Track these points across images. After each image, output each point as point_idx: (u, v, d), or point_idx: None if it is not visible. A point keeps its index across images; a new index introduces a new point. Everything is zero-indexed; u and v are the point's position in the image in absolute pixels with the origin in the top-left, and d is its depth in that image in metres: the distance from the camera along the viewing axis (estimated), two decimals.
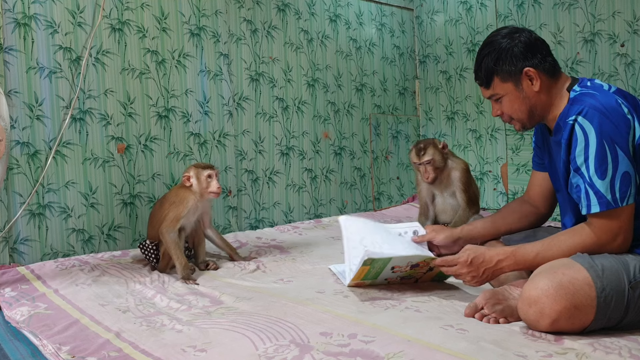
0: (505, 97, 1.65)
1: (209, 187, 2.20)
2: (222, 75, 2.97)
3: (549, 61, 1.62)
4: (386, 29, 3.88)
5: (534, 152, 1.88)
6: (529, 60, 1.60)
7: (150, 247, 2.23)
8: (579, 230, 1.53)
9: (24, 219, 2.34)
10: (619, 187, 1.44)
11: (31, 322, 1.64)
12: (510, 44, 1.61)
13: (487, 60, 1.64)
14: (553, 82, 1.62)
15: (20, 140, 2.33)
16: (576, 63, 3.13)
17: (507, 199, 3.54)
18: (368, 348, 1.34)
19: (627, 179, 1.44)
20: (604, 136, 1.44)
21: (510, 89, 1.63)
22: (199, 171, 2.21)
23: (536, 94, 1.61)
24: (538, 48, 1.62)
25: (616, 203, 1.44)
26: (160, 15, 2.74)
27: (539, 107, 1.63)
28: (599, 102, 1.47)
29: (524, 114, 1.64)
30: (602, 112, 1.45)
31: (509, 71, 1.61)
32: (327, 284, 1.96)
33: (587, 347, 1.30)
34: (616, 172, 1.43)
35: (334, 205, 3.53)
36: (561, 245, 1.52)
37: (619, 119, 1.45)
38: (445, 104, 3.91)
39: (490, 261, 1.59)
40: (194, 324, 1.58)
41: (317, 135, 3.46)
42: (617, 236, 1.47)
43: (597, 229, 1.49)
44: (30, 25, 2.35)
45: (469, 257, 1.60)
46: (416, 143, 2.31)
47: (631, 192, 1.45)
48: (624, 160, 1.43)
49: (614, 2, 2.98)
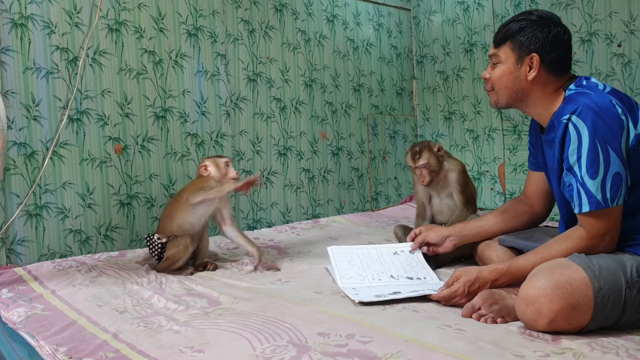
0: (501, 65, 1.66)
1: (228, 173, 2.19)
2: (219, 76, 2.97)
3: (559, 64, 1.62)
4: (383, 29, 3.89)
5: (530, 152, 1.89)
6: (543, 50, 1.60)
7: (157, 243, 2.18)
8: (570, 235, 1.54)
9: (21, 220, 2.33)
10: (609, 188, 1.44)
11: (28, 323, 1.64)
12: (542, 26, 1.61)
13: (515, 24, 1.64)
14: (552, 80, 1.63)
15: (17, 140, 2.33)
16: (573, 63, 3.13)
17: (504, 199, 3.55)
18: (366, 348, 1.34)
19: (618, 180, 1.44)
20: (596, 136, 1.44)
21: (511, 61, 1.64)
22: (216, 160, 2.22)
23: (528, 82, 1.63)
24: (559, 48, 1.61)
25: (606, 203, 1.45)
26: (157, 16, 2.74)
27: (524, 95, 1.64)
28: (593, 101, 1.48)
29: (507, 90, 1.66)
30: (595, 112, 1.46)
31: (521, 45, 1.62)
32: (325, 284, 1.96)
33: (585, 347, 1.30)
34: (607, 173, 1.44)
35: (331, 206, 3.53)
36: (555, 252, 1.53)
37: (613, 119, 1.45)
38: (443, 104, 3.91)
39: (486, 284, 1.60)
40: (191, 324, 1.58)
41: (315, 136, 3.46)
42: (604, 236, 1.49)
43: (588, 229, 1.50)
44: (27, 26, 2.35)
45: (465, 287, 1.61)
46: (411, 146, 2.31)
47: (621, 193, 1.45)
48: (615, 160, 1.44)
49: (610, 2, 2.99)
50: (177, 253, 2.15)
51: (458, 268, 1.70)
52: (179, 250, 2.15)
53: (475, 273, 1.62)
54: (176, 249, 2.15)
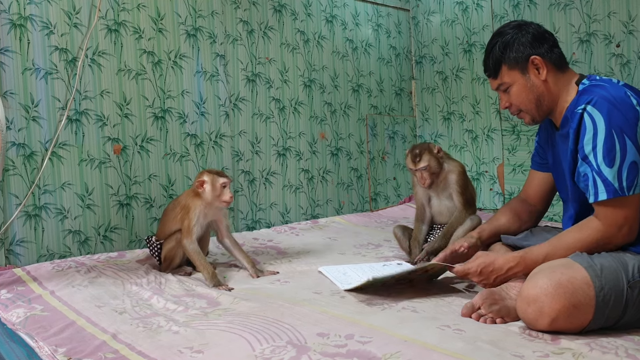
0: (513, 86, 1.65)
1: (222, 196, 2.13)
2: (218, 76, 2.97)
3: (556, 52, 1.64)
4: (382, 29, 3.89)
5: (535, 151, 1.88)
6: (536, 48, 1.62)
7: (155, 245, 2.24)
8: (585, 225, 1.52)
9: (20, 221, 2.33)
10: (626, 176, 1.44)
11: (27, 324, 1.64)
12: (517, 34, 1.64)
13: (495, 49, 1.66)
14: (560, 74, 1.64)
15: (16, 141, 2.32)
16: (572, 63, 3.13)
17: (503, 199, 3.55)
18: (365, 349, 1.34)
19: (635, 169, 1.44)
20: (612, 125, 1.44)
21: (518, 77, 1.64)
22: (214, 178, 2.13)
23: (543, 83, 1.62)
24: (546, 39, 1.64)
25: (623, 191, 1.44)
26: (156, 16, 2.74)
27: (547, 97, 1.64)
28: (608, 92, 1.48)
29: (532, 103, 1.65)
30: (611, 102, 1.46)
31: (516, 58, 1.63)
32: (324, 284, 1.96)
33: (584, 347, 1.30)
34: (624, 161, 1.44)
35: (330, 206, 3.53)
36: (569, 242, 1.52)
37: (628, 110, 1.46)
38: (442, 105, 3.91)
39: (501, 269, 1.59)
40: (190, 325, 1.58)
41: (314, 136, 3.45)
42: (622, 226, 1.47)
43: (604, 219, 1.48)
44: (26, 26, 2.34)
45: (479, 267, 1.60)
46: (411, 148, 2.30)
47: (638, 182, 1.44)
48: (632, 149, 1.44)
49: (609, 3, 2.99)
50: (171, 250, 2.19)
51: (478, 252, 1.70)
52: (172, 246, 2.18)
53: (493, 258, 1.61)
54: (169, 245, 2.19)
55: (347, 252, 2.51)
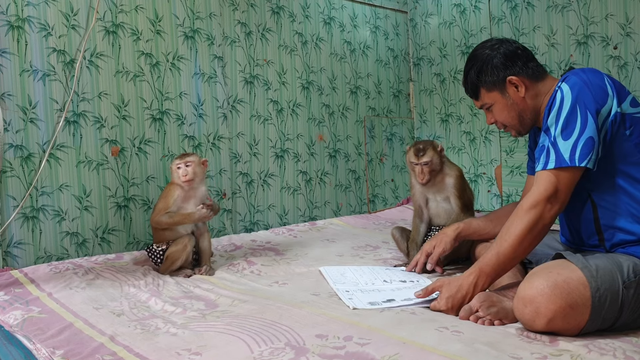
0: (495, 105, 1.72)
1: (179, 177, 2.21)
2: (216, 78, 2.97)
3: (531, 67, 1.67)
4: (380, 31, 3.89)
5: (529, 157, 1.90)
6: (509, 69, 1.66)
7: (157, 252, 2.24)
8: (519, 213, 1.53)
9: (18, 222, 2.32)
10: (580, 148, 1.46)
11: (25, 326, 1.63)
12: (490, 56, 1.68)
13: (471, 73, 1.73)
14: (540, 84, 1.67)
15: (14, 143, 2.32)
16: (570, 65, 3.14)
17: (501, 201, 3.55)
18: (364, 350, 1.34)
19: (591, 144, 1.46)
20: (578, 101, 1.48)
21: (497, 97, 1.69)
22: (172, 162, 2.27)
23: (523, 100, 1.67)
24: (518, 56, 1.67)
25: (573, 162, 1.46)
26: (154, 18, 2.74)
27: (528, 112, 1.69)
28: (586, 75, 1.52)
29: (515, 119, 1.70)
30: (584, 82, 1.50)
31: (492, 81, 1.68)
32: (322, 286, 1.96)
33: (582, 349, 1.30)
34: (581, 135, 1.46)
35: (328, 208, 3.53)
36: (510, 231, 1.52)
37: (599, 92, 1.49)
38: (440, 107, 3.92)
39: (468, 292, 1.58)
40: (188, 327, 1.58)
41: (312, 138, 3.46)
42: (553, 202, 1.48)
43: (539, 188, 1.50)
44: (24, 28, 2.34)
45: (448, 303, 1.59)
46: (415, 143, 2.30)
47: (591, 158, 1.46)
48: (592, 126, 1.46)
49: (606, 5, 3.00)
50: (176, 252, 2.19)
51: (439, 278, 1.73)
52: (178, 249, 2.20)
53: (456, 285, 1.60)
54: (175, 247, 2.20)
55: (345, 254, 2.51)
